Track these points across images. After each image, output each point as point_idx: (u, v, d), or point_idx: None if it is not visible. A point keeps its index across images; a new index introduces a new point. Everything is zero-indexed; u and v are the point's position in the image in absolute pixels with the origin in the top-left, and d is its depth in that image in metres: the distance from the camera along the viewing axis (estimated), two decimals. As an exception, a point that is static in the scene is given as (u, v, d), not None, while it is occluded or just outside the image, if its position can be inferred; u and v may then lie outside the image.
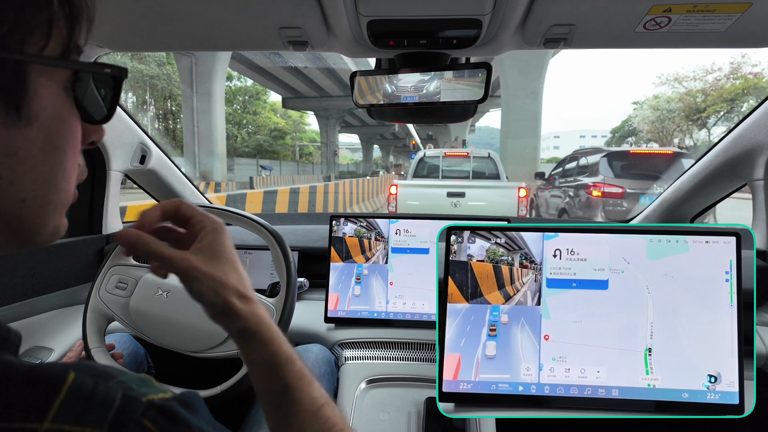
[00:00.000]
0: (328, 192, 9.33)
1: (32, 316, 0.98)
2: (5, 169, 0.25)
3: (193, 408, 0.27)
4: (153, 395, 0.25)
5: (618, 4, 0.59)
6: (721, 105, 21.31)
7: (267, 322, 0.39)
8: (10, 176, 0.25)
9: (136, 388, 0.25)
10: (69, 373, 0.23)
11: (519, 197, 4.52)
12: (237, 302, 0.37)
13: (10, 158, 0.25)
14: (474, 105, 0.74)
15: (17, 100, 0.24)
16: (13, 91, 0.24)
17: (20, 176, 0.26)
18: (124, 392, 0.24)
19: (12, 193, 0.26)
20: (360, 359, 0.86)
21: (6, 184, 0.25)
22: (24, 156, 0.26)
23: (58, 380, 0.23)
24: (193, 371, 1.04)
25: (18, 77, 0.24)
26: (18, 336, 0.28)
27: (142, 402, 0.24)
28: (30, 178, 0.26)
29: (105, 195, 1.18)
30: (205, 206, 0.82)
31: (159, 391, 0.25)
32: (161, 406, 0.24)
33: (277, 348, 0.38)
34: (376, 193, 11.90)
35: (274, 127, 34.93)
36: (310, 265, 1.17)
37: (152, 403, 0.24)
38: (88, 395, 0.23)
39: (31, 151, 0.26)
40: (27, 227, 0.28)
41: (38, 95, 0.26)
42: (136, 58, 20.72)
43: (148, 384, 0.26)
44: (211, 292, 0.37)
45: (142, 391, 0.25)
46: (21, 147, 0.25)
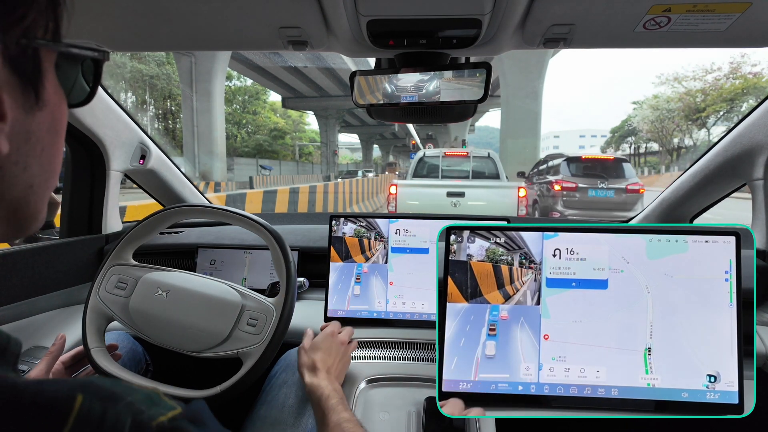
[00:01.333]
0: (328, 192, 9.33)
1: (32, 316, 0.98)
2: (21, 154, 0.26)
3: (201, 422, 0.27)
4: (162, 416, 0.24)
5: (618, 4, 0.59)
6: (720, 105, 21.33)
7: (323, 393, 0.64)
8: (25, 161, 0.26)
9: (145, 410, 0.24)
10: (76, 396, 0.23)
11: (519, 197, 4.53)
12: (306, 373, 0.70)
13: (26, 143, 0.26)
14: (474, 104, 0.74)
15: (37, 85, 0.25)
16: (33, 76, 0.25)
17: (32, 161, 0.27)
18: (134, 417, 0.23)
19: (24, 179, 0.26)
20: (360, 359, 0.86)
21: (21, 170, 0.26)
22: (35, 140, 0.26)
23: (65, 407, 0.22)
24: (192, 370, 1.04)
25: (36, 63, 0.25)
26: (18, 344, 0.28)
27: (152, 426, 0.23)
28: (38, 163, 0.27)
29: (104, 195, 1.18)
30: (205, 206, 0.82)
31: (168, 409, 0.25)
32: (171, 428, 0.24)
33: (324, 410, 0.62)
34: (375, 193, 11.90)
35: (273, 127, 34.93)
36: (309, 265, 1.17)
37: (162, 426, 0.24)
38: (97, 423, 0.22)
39: (41, 135, 0.27)
40: (30, 213, 0.28)
41: (48, 80, 0.27)
42: (136, 58, 20.71)
43: (157, 402, 0.25)
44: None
45: (151, 413, 0.24)
46: (34, 131, 0.26)
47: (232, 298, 0.75)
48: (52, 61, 0.27)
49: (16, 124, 0.25)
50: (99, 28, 0.70)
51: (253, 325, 0.73)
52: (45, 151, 0.27)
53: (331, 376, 0.69)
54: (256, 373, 0.71)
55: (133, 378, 0.74)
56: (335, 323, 0.84)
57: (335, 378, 0.70)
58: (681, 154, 28.06)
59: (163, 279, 0.79)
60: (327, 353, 0.73)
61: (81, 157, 1.14)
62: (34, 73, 0.25)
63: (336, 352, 0.75)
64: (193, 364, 0.83)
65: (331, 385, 0.67)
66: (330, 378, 0.69)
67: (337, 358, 0.74)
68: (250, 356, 0.71)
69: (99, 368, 0.74)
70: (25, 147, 0.26)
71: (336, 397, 0.64)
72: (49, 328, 0.97)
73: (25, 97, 0.25)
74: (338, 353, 0.75)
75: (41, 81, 0.26)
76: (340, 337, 0.78)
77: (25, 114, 0.25)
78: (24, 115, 0.25)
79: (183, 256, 1.24)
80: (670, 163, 28.79)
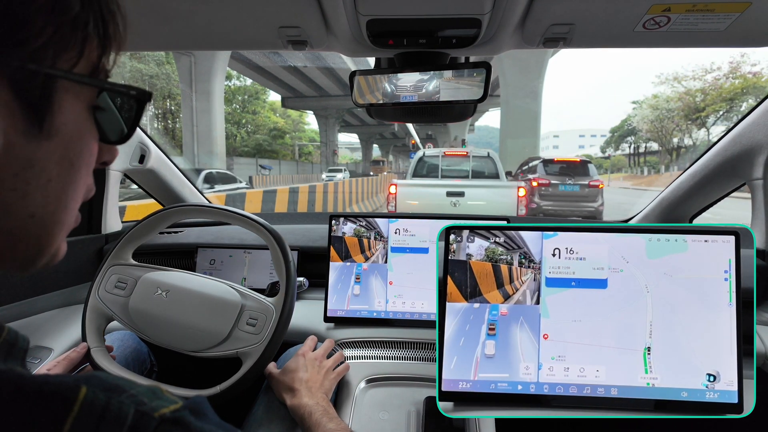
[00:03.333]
0: (328, 191, 9.33)
1: (31, 316, 0.98)
2: (20, 181, 0.25)
3: (202, 414, 0.27)
4: (165, 408, 0.25)
5: (617, 3, 0.59)
6: (720, 104, 21.34)
7: (305, 411, 0.65)
8: (24, 189, 0.25)
9: (148, 401, 0.24)
10: (80, 387, 0.23)
11: (518, 197, 4.53)
12: (285, 397, 0.70)
13: (26, 170, 0.25)
14: (473, 104, 0.74)
15: (42, 112, 0.25)
16: (39, 103, 0.24)
17: (33, 190, 0.26)
18: (137, 407, 0.24)
19: (23, 207, 0.26)
20: (359, 359, 0.86)
21: (18, 197, 0.25)
22: (40, 169, 0.25)
23: (70, 396, 0.22)
24: (196, 370, 1.04)
25: (46, 91, 0.25)
26: (26, 341, 0.28)
27: (154, 417, 0.24)
28: (42, 193, 0.26)
29: (104, 194, 1.18)
30: (205, 206, 0.82)
31: (170, 402, 0.25)
32: (173, 419, 0.24)
33: (309, 428, 0.63)
34: (375, 193, 11.90)
35: (273, 127, 34.88)
36: (309, 265, 1.17)
37: (164, 417, 0.24)
38: (100, 412, 0.23)
39: (47, 165, 0.26)
40: (32, 246, 0.27)
41: (62, 110, 0.26)
42: (136, 58, 20.69)
43: (159, 395, 0.26)
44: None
45: (154, 405, 0.24)
46: (38, 159, 0.25)
47: (232, 298, 0.75)
48: (76, 94, 0.27)
49: (14, 149, 0.24)
50: None
51: (252, 325, 0.73)
52: (52, 183, 0.26)
53: (312, 391, 0.70)
54: (256, 373, 0.71)
55: (134, 378, 0.74)
56: (310, 339, 0.85)
57: (317, 391, 0.70)
58: (680, 153, 28.09)
59: (163, 279, 0.79)
60: (303, 370, 0.73)
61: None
62: (41, 100, 0.25)
63: (311, 368, 0.75)
64: (197, 364, 0.83)
65: (312, 399, 0.67)
66: (311, 393, 0.69)
67: (313, 372, 0.74)
68: (250, 356, 0.71)
69: (98, 368, 0.74)
70: (25, 174, 0.25)
71: (319, 411, 0.64)
72: (49, 327, 0.97)
73: (28, 124, 0.24)
74: (313, 367, 0.75)
75: (49, 109, 0.25)
76: (312, 354, 0.78)
77: (26, 140, 0.24)
78: (24, 141, 0.24)
79: (182, 255, 1.23)
80: (670, 162, 28.81)
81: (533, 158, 9.28)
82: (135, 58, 20.75)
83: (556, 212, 7.50)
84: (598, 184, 7.50)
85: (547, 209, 7.51)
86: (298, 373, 0.73)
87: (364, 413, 0.74)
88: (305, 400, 0.67)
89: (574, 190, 7.53)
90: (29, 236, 0.27)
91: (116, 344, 0.86)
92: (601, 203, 7.42)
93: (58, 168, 0.27)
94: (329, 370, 0.77)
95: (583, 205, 7.45)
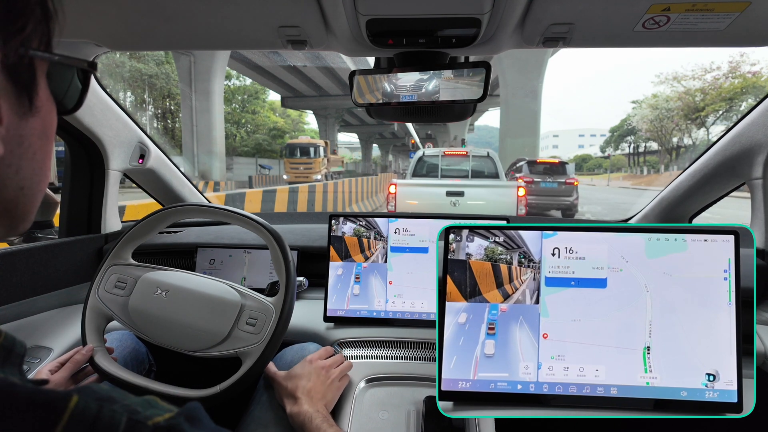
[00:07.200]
0: (327, 191, 9.32)
1: (31, 316, 0.98)
2: (15, 157, 0.27)
3: (197, 420, 0.27)
4: (159, 417, 0.24)
5: (617, 3, 0.59)
6: (719, 104, 21.35)
7: (305, 418, 0.66)
8: (18, 164, 0.27)
9: (141, 410, 0.24)
10: (72, 396, 0.23)
11: (518, 196, 4.53)
12: (286, 403, 0.70)
13: (19, 147, 0.27)
14: (473, 104, 0.74)
15: (31, 92, 0.27)
16: (28, 83, 0.27)
17: (25, 164, 0.28)
18: (130, 416, 0.23)
19: (16, 181, 0.28)
20: (359, 358, 0.86)
21: (13, 172, 0.27)
22: (27, 144, 0.28)
23: (60, 404, 0.22)
24: (196, 370, 1.04)
25: (32, 71, 0.27)
26: (23, 346, 0.28)
27: (148, 425, 0.23)
28: (30, 166, 0.29)
29: (104, 194, 1.18)
30: (204, 206, 0.82)
31: (165, 411, 0.25)
32: (168, 426, 0.24)
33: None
34: (375, 192, 11.90)
35: (273, 126, 34.86)
36: (309, 264, 1.17)
37: (158, 425, 0.24)
38: (91, 420, 0.22)
39: (33, 140, 0.28)
40: (20, 214, 0.29)
41: (41, 88, 0.28)
42: (135, 57, 20.68)
43: (153, 405, 0.25)
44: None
45: (147, 414, 0.24)
46: (27, 136, 0.28)
47: (232, 298, 0.75)
48: (44, 70, 0.29)
49: (11, 128, 0.26)
50: (98, 27, 0.70)
51: (252, 325, 0.73)
52: (36, 155, 0.29)
53: (313, 400, 0.69)
54: (256, 373, 0.71)
55: (133, 377, 0.74)
56: (324, 350, 0.83)
57: (318, 401, 0.70)
58: (680, 153, 28.09)
59: (163, 278, 0.79)
60: (307, 379, 0.72)
61: (80, 156, 1.14)
62: (29, 81, 0.27)
63: (316, 377, 0.73)
64: (196, 364, 0.83)
65: (312, 407, 0.67)
66: (312, 401, 0.69)
67: (318, 382, 0.73)
68: (250, 356, 0.71)
69: (98, 368, 0.74)
70: (18, 150, 0.27)
71: (319, 417, 0.64)
72: (49, 327, 0.97)
73: (20, 104, 0.26)
74: (318, 377, 0.74)
75: (35, 88, 0.27)
76: (320, 363, 0.77)
77: (18, 119, 0.26)
78: (18, 120, 0.26)
79: (182, 255, 1.23)
80: (669, 162, 28.82)
81: (520, 159, 10.51)
82: (135, 58, 20.74)
83: (539, 205, 8.82)
84: (573, 182, 8.85)
85: (531, 203, 8.50)
86: (302, 381, 0.72)
87: (363, 413, 0.74)
88: (305, 407, 0.67)
89: (553, 187, 8.88)
90: (18, 207, 0.29)
91: (115, 344, 0.86)
92: (576, 197, 8.79)
93: (39, 142, 0.29)
94: (334, 381, 0.75)
95: (561, 199, 8.82)
